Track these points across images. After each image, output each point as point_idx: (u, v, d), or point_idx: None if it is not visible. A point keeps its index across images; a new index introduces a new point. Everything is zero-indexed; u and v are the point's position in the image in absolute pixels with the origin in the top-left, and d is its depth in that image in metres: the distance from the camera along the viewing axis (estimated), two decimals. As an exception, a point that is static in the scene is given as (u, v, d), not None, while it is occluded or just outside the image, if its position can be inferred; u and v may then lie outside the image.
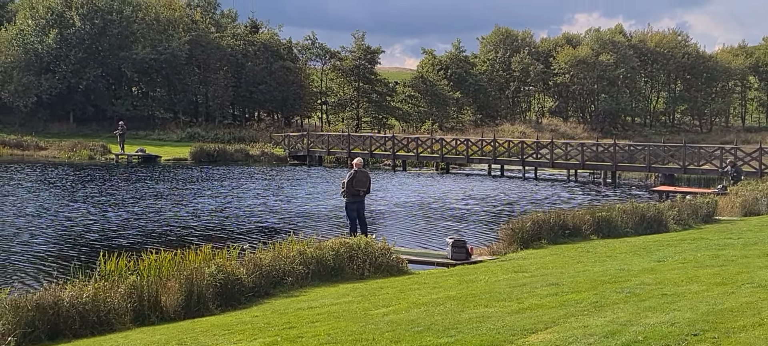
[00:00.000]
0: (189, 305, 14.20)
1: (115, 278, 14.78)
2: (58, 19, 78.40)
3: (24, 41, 76.82)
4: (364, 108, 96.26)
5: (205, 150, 60.39)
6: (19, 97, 74.85)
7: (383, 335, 10.01)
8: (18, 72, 74.96)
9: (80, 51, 77.27)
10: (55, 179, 44.14)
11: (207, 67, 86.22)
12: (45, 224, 27.45)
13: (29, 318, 12.51)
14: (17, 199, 34.29)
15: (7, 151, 60.32)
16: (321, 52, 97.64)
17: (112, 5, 79.40)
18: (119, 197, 35.81)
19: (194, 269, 14.82)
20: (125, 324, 13.32)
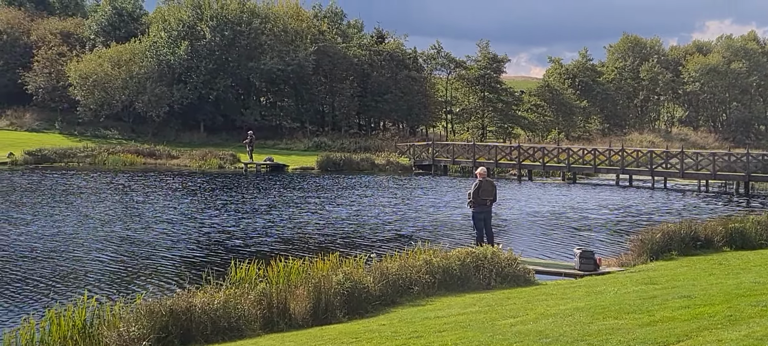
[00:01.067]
0: (317, 313, 14.37)
1: (246, 285, 15.05)
2: (189, 32, 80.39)
3: (157, 53, 78.98)
4: (489, 117, 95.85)
5: (332, 159, 61.00)
6: (152, 108, 76.99)
7: (511, 345, 9.93)
8: (151, 83, 77.11)
9: (210, 62, 79.06)
10: (187, 187, 45.20)
11: (333, 77, 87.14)
12: (178, 230, 28.13)
13: (163, 323, 12.85)
14: (153, 206, 35.24)
15: (140, 160, 62.07)
16: (446, 61, 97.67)
17: (241, 17, 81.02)
18: (248, 205, 36.45)
19: (322, 277, 14.98)
20: (255, 330, 13.55)
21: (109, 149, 64.55)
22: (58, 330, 13.03)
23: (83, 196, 39.56)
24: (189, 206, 35.72)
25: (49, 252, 23.33)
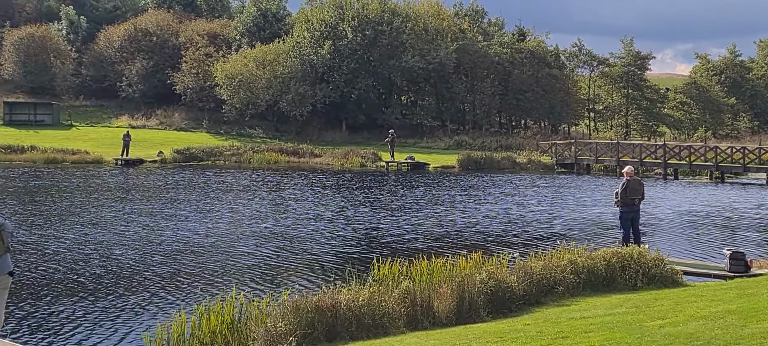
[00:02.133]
0: (460, 311, 14.33)
1: (389, 283, 15.12)
2: (332, 32, 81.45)
3: (300, 53, 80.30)
4: (633, 115, 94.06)
5: (472, 158, 60.87)
6: (296, 107, 78.30)
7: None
8: (295, 82, 78.44)
9: (352, 61, 79.93)
10: (330, 185, 45.77)
11: (474, 76, 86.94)
12: (322, 227, 28.50)
13: (309, 319, 13.02)
14: (297, 204, 35.81)
15: (284, 158, 63.19)
16: (588, 58, 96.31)
17: (382, 17, 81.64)
18: (389, 203, 36.68)
19: (465, 276, 14.93)
20: (399, 328, 13.59)
21: (254, 148, 65.96)
22: (207, 325, 13.33)
23: (231, 193, 40.54)
24: (332, 203, 36.16)
25: (199, 247, 23.98)
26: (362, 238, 26.37)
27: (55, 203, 35.00)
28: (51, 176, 48.62)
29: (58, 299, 17.48)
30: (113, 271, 20.43)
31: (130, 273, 20.21)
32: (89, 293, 18.09)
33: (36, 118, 79.25)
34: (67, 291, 18.23)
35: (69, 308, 16.64)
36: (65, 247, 23.77)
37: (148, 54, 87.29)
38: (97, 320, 15.80)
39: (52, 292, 18.13)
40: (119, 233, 26.69)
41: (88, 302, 17.23)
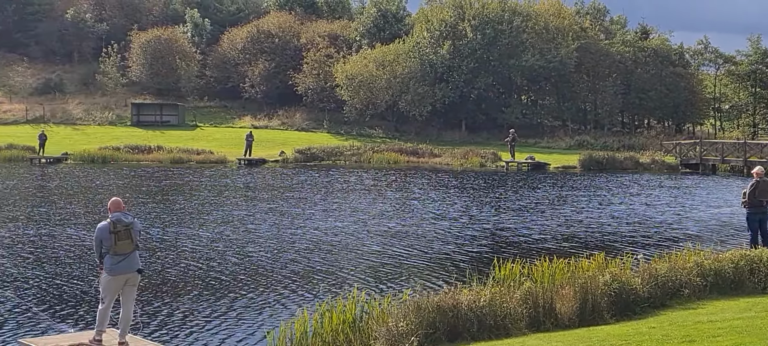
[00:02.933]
0: (583, 313, 14.16)
1: (510, 284, 15.03)
2: (452, 31, 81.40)
3: (420, 53, 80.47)
4: (761, 114, 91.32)
5: (594, 158, 60.05)
6: (415, 107, 78.48)
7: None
8: (414, 83, 78.63)
9: (472, 61, 79.72)
10: (450, 184, 45.75)
11: (595, 75, 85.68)
12: (442, 227, 28.54)
13: (430, 319, 13.04)
14: (418, 203, 35.91)
15: (404, 158, 63.42)
16: (714, 56, 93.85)
17: (502, 16, 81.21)
18: (510, 203, 36.48)
19: (588, 277, 14.75)
20: (520, 329, 13.51)
21: (374, 148, 66.36)
22: (329, 323, 13.47)
23: (354, 192, 40.92)
24: (454, 203, 36.15)
25: (324, 246, 24.30)
26: (484, 238, 26.30)
27: (184, 202, 35.93)
28: (178, 176, 49.85)
29: (189, 295, 17.95)
30: (241, 269, 20.87)
31: (257, 271, 20.61)
32: (217, 290, 18.51)
33: (162, 119, 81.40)
34: (197, 288, 18.69)
35: (198, 305, 17.08)
36: (195, 245, 24.39)
37: (270, 55, 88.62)
38: (225, 316, 16.18)
39: (183, 289, 18.63)
40: (247, 231, 27.24)
41: (216, 298, 17.64)
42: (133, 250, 13.12)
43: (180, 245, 24.27)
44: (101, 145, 65.78)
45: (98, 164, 58.91)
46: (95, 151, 62.32)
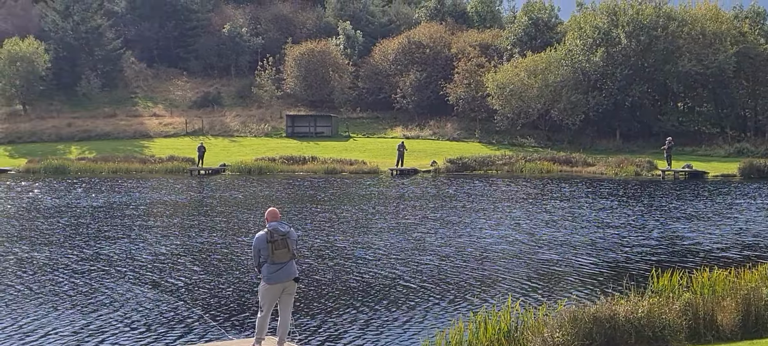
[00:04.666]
0: (746, 326, 13.75)
1: (669, 295, 14.72)
2: (605, 38, 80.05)
3: (572, 61, 79.47)
4: None
5: (755, 165, 57.98)
6: (568, 116, 77.54)
7: None
8: (567, 91, 77.71)
9: (626, 68, 78.23)
10: (605, 194, 45.01)
11: (756, 80, 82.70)
12: (598, 236, 28.11)
13: (587, 330, 12.90)
14: (575, 213, 35.49)
15: (556, 167, 62.74)
16: None
17: (657, 22, 79.40)
18: (668, 212, 35.64)
19: (751, 289, 14.30)
20: (680, 341, 13.23)
21: (526, 157, 65.86)
22: (484, 334, 13.48)
23: (510, 201, 40.73)
24: (609, 212, 35.55)
25: (480, 255, 24.31)
26: (641, 247, 25.77)
27: (338, 212, 36.41)
28: (332, 186, 50.61)
29: (345, 303, 18.22)
30: (395, 278, 21.04)
31: (411, 279, 20.73)
32: (373, 298, 18.73)
33: (316, 130, 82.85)
34: (353, 296, 18.96)
35: (354, 313, 17.31)
36: (350, 254, 24.73)
37: (422, 66, 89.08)
38: (380, 324, 16.35)
39: (339, 297, 18.90)
40: (402, 240, 27.42)
41: (372, 306, 17.86)
42: (290, 259, 13.38)
43: (336, 254, 24.65)
44: (257, 156, 67.45)
45: (254, 175, 60.40)
46: (251, 163, 63.90)
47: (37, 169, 64.40)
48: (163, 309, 17.58)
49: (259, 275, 13.55)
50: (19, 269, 22.17)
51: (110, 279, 20.72)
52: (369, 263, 23.18)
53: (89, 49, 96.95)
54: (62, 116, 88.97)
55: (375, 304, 18.09)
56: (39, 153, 71.94)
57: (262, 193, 46.45)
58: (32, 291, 19.27)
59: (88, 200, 42.07)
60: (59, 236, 28.80)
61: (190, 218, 34.70)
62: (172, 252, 25.25)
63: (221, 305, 18.08)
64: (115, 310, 17.52)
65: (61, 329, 15.92)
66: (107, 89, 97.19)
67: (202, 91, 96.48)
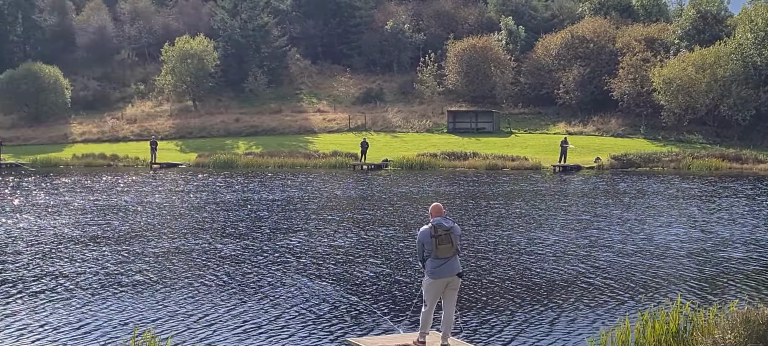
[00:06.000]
0: None
1: None
2: (778, 31, 77.20)
3: (742, 55, 76.81)
4: None
5: None
6: (738, 111, 74.99)
7: None
8: (736, 85, 75.15)
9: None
10: None
11: None
12: None
13: (761, 332, 12.44)
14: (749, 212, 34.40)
15: (725, 164, 60.95)
16: None
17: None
18: None
19: None
20: None
21: (693, 154, 64.20)
22: (651, 333, 13.19)
23: (682, 199, 39.74)
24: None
25: (649, 253, 23.83)
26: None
27: (502, 207, 36.33)
28: (494, 182, 50.46)
29: (509, 299, 18.13)
30: (561, 274, 20.84)
31: (577, 276, 20.50)
32: (538, 294, 18.60)
33: (477, 126, 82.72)
34: (517, 292, 18.85)
35: (518, 308, 17.22)
36: (515, 250, 24.63)
37: (585, 61, 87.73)
38: (545, 321, 16.20)
39: (503, 293, 18.82)
40: (568, 237, 27.14)
41: (536, 303, 17.73)
42: (454, 254, 13.42)
43: (501, 250, 24.59)
44: (419, 151, 67.91)
45: (416, 170, 60.80)
46: (413, 158, 64.39)
47: (207, 164, 66.69)
48: (333, 301, 17.89)
49: (422, 269, 13.65)
50: (206, 260, 22.99)
51: (286, 271, 21.23)
52: (537, 259, 22.99)
53: (256, 46, 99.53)
54: (230, 112, 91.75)
55: (540, 300, 17.94)
56: (208, 148, 74.40)
57: (425, 188, 46.68)
58: (222, 282, 19.95)
59: (263, 193, 43.34)
60: (240, 228, 29.72)
61: (360, 212, 35.31)
62: (345, 246, 25.70)
63: (389, 299, 18.27)
64: (289, 301, 17.96)
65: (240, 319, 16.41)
66: (273, 86, 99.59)
67: (365, 87, 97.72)
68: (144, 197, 42.01)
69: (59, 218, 32.44)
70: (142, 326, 14.96)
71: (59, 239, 26.86)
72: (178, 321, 16.18)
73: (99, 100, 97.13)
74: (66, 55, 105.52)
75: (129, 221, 31.95)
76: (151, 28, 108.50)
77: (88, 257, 23.18)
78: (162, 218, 33.13)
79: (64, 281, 19.86)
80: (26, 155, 73.42)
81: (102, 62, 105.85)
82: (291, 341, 14.92)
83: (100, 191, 45.50)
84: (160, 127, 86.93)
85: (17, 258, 23.05)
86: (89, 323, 16.01)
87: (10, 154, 74.10)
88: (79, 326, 15.79)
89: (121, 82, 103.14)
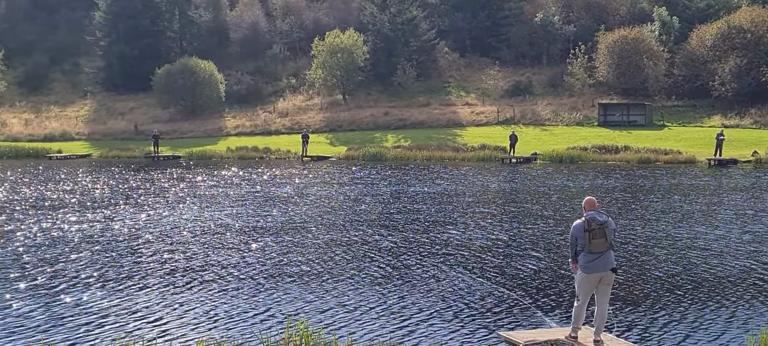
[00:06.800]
0: None
1: None
2: None
3: None
4: None
5: None
6: None
7: None
8: None
9: None
10: None
11: None
12: None
13: None
14: None
15: None
16: None
17: None
18: None
19: None
20: None
21: None
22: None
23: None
24: None
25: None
26: None
27: (658, 202, 35.68)
28: (647, 176, 49.47)
29: (665, 296, 17.91)
30: (723, 272, 20.41)
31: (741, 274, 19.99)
32: (695, 291, 18.32)
33: (628, 119, 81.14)
34: (673, 289, 18.60)
35: (674, 306, 16.95)
36: (673, 246, 24.24)
37: (742, 51, 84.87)
38: (701, 319, 15.94)
39: (659, 289, 18.60)
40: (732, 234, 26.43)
41: (693, 300, 17.46)
42: (608, 249, 13.35)
43: (663, 245, 24.26)
44: (568, 145, 67.12)
45: (566, 164, 60.14)
46: (563, 151, 63.69)
47: (356, 157, 67.48)
48: (487, 294, 18.09)
49: (575, 264, 13.59)
50: (365, 251, 23.53)
51: (443, 264, 21.54)
52: (702, 255, 22.52)
53: (405, 40, 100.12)
54: (379, 106, 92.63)
55: (697, 298, 17.63)
56: (357, 141, 75.30)
57: (574, 182, 46.16)
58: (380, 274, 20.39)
59: (415, 186, 43.79)
60: (397, 220, 30.23)
61: (514, 205, 35.45)
62: (501, 238, 25.87)
63: (542, 293, 18.24)
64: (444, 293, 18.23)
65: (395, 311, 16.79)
66: (421, 79, 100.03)
67: (514, 80, 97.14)
68: (302, 188, 42.98)
69: (222, 209, 33.67)
70: (302, 316, 15.49)
71: (223, 229, 27.89)
72: (337, 312, 16.68)
73: (252, 94, 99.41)
74: (220, 50, 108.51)
75: (289, 212, 32.88)
76: (302, 23, 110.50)
77: (252, 248, 24.05)
78: (321, 209, 33.97)
79: (230, 271, 20.69)
80: (182, 148, 76.01)
81: (255, 57, 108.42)
82: (444, 332, 15.16)
83: (258, 182, 46.85)
84: (311, 120, 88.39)
85: (185, 248, 24.11)
86: (253, 312, 16.70)
87: (167, 147, 76.85)
88: (242, 315, 16.45)
89: (273, 77, 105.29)
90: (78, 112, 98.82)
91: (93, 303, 17.25)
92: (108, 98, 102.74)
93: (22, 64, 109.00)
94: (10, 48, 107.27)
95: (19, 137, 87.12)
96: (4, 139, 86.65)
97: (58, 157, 74.63)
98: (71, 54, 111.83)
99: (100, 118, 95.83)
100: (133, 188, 44.00)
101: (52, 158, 73.76)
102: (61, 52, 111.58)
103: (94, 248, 23.98)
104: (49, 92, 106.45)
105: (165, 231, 27.51)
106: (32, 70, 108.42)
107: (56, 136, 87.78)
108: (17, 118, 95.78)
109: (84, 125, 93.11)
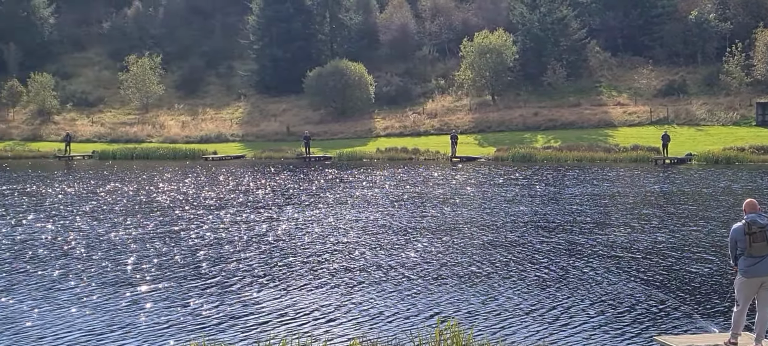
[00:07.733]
0: None
1: None
2: None
3: None
4: None
5: None
6: None
7: None
8: None
9: None
10: None
11: None
12: None
13: None
14: None
15: None
16: None
17: None
18: None
19: None
20: None
21: None
22: None
23: None
24: None
25: None
26: None
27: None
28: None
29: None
30: None
31: None
32: None
33: (789, 118, 78.47)
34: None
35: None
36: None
37: None
38: None
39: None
40: None
41: None
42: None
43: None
44: (724, 145, 65.44)
45: (722, 165, 58.70)
46: (719, 152, 62.19)
47: (505, 158, 67.44)
48: (645, 298, 18.11)
49: (735, 267, 13.52)
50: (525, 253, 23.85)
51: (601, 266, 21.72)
52: None
53: (555, 39, 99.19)
54: (528, 106, 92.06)
55: None
56: (506, 142, 75.16)
57: (732, 184, 45.06)
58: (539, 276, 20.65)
59: (571, 187, 43.75)
60: (556, 222, 30.37)
61: (675, 207, 35.06)
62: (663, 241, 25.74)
63: (702, 297, 18.19)
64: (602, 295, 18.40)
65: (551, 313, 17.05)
66: (572, 79, 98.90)
67: (667, 79, 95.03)
68: (456, 189, 43.39)
69: (379, 210, 34.33)
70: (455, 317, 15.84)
71: (382, 230, 28.64)
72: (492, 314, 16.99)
73: (401, 96, 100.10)
74: (370, 52, 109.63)
75: (446, 213, 33.33)
76: (451, 24, 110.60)
77: (410, 249, 24.61)
78: (477, 210, 34.27)
79: (388, 271, 21.27)
80: (333, 149, 77.30)
81: (404, 58, 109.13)
82: (600, 335, 15.25)
83: (411, 183, 47.36)
84: (460, 121, 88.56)
85: (346, 248, 24.90)
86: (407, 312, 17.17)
87: (318, 148, 78.37)
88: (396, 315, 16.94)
89: (422, 78, 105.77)
90: (232, 114, 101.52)
91: (264, 302, 18.04)
92: (261, 100, 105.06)
93: (179, 67, 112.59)
94: (168, 52, 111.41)
95: (177, 139, 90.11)
96: (162, 140, 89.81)
97: (213, 158, 77.09)
98: (226, 57, 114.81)
99: (254, 120, 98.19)
100: (291, 188, 45.17)
101: (208, 159, 76.25)
102: (216, 55, 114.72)
103: (261, 247, 25.00)
104: (204, 95, 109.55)
105: (326, 232, 28.31)
106: (189, 74, 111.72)
107: (212, 137, 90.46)
108: (175, 120, 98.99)
109: (238, 127, 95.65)
